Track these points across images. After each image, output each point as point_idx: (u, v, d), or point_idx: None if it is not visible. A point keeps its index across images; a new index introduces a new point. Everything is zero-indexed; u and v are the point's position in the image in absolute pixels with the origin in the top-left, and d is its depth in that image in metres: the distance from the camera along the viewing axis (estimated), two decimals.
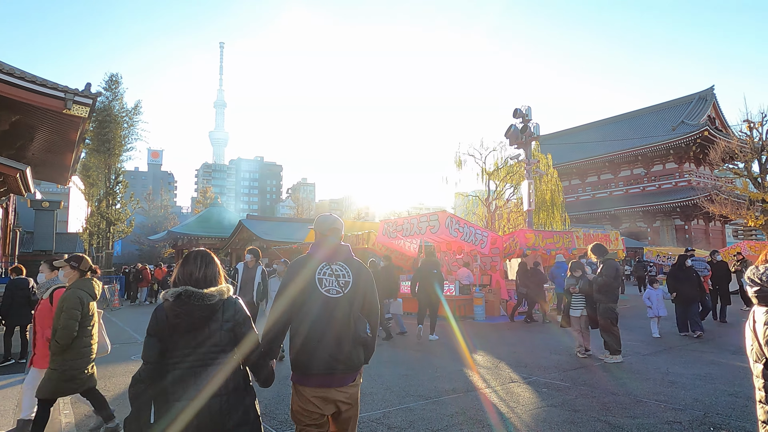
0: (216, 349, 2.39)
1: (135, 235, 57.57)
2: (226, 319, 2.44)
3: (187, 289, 2.40)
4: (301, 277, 2.82)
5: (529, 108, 18.36)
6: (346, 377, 2.77)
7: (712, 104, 50.36)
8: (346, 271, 2.90)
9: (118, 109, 25.90)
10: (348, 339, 2.75)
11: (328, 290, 2.80)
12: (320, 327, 2.72)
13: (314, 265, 2.86)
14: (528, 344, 9.41)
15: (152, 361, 2.36)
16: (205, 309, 2.39)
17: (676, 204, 44.28)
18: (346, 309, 2.80)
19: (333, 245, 2.95)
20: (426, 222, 13.97)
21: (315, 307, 2.75)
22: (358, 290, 2.88)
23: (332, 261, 2.90)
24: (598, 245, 7.97)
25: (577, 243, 16.16)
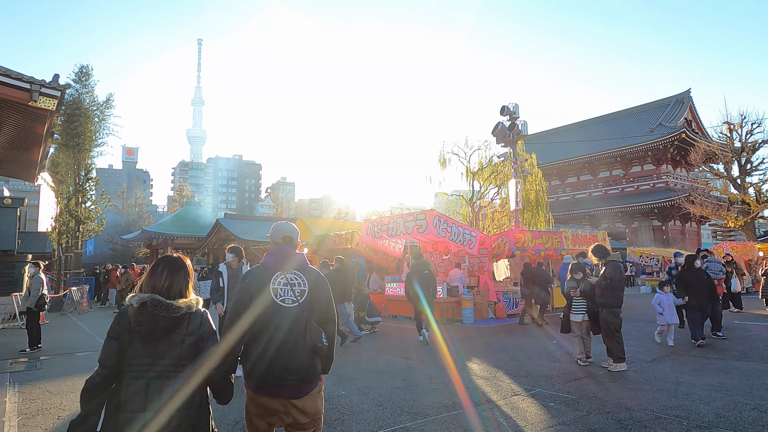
0: (176, 362, 2.32)
1: (108, 234, 55.83)
2: (189, 332, 2.37)
3: (155, 297, 2.33)
4: (256, 287, 2.77)
5: (516, 105, 17.98)
6: (302, 388, 2.71)
7: (688, 107, 51.18)
8: (302, 279, 2.86)
9: (88, 102, 24.67)
10: (303, 349, 2.71)
11: (284, 300, 2.76)
12: (275, 337, 2.67)
13: (269, 275, 2.81)
14: (525, 350, 8.92)
15: (109, 365, 2.27)
16: (170, 320, 2.32)
17: (654, 205, 44.79)
18: (301, 318, 2.75)
19: (287, 254, 2.90)
20: (413, 221, 13.43)
21: (270, 317, 2.70)
22: (314, 299, 2.84)
23: (287, 270, 2.85)
24: (600, 246, 7.53)
25: (566, 243, 15.83)
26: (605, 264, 7.31)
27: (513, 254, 14.48)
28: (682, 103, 52.37)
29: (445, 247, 15.78)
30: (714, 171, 29.81)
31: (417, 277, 11.60)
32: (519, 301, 14.95)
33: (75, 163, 24.67)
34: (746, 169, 28.40)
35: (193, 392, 2.34)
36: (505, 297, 14.53)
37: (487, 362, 7.88)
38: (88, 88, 24.81)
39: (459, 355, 8.47)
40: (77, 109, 24.22)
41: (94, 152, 25.31)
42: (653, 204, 44.35)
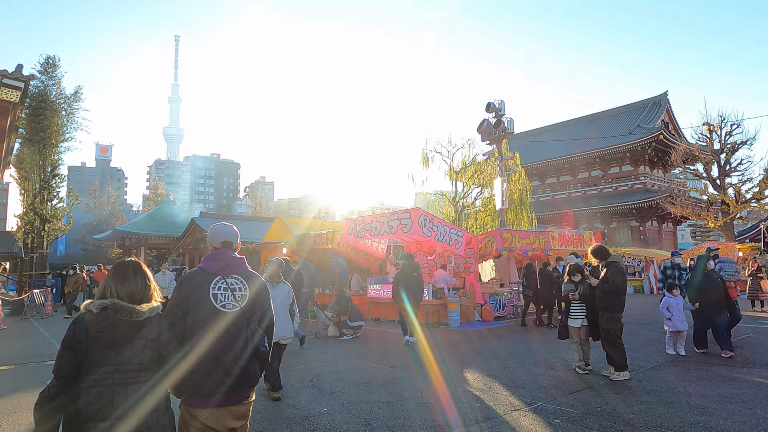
0: (138, 367, 2.29)
1: (79, 234, 54.05)
2: (151, 338, 2.34)
3: (116, 302, 2.28)
4: (195, 292, 2.68)
5: (502, 102, 17.58)
6: (242, 394, 2.68)
7: (665, 109, 51.82)
8: (243, 284, 2.81)
9: (55, 94, 23.40)
10: (245, 354, 2.67)
11: (224, 305, 2.69)
12: (216, 344, 2.60)
13: (208, 280, 2.74)
14: (517, 357, 8.41)
15: (65, 376, 2.19)
16: (132, 325, 2.28)
17: (633, 205, 45.19)
18: (242, 323, 2.71)
19: (228, 258, 2.85)
20: (397, 220, 12.85)
21: (209, 323, 2.62)
22: (255, 304, 2.80)
23: (227, 274, 2.79)
24: (601, 247, 7.06)
25: (553, 243, 15.45)
26: (606, 266, 6.83)
27: (500, 254, 14.03)
28: (659, 105, 53.01)
29: (429, 247, 15.24)
30: (695, 172, 29.99)
31: (406, 279, 11.08)
32: (506, 303, 14.52)
33: (40, 158, 23.40)
34: (725, 169, 28.62)
35: (160, 396, 2.32)
36: (491, 299, 14.06)
37: (480, 371, 7.33)
38: (55, 80, 23.57)
39: (448, 363, 7.92)
40: (43, 102, 22.95)
41: (61, 147, 24.07)
42: (633, 204, 44.71)
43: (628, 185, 49.05)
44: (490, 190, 25.57)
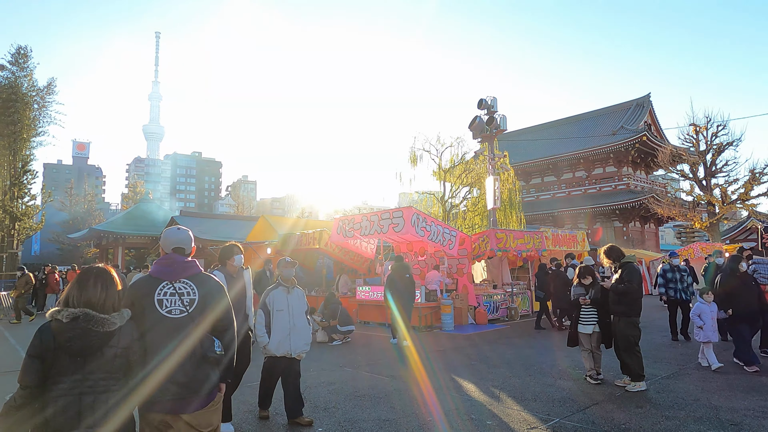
0: (107, 376, 2.28)
1: (54, 233, 52.35)
2: (121, 346, 2.34)
3: (87, 312, 2.25)
4: (140, 298, 2.64)
5: (494, 99, 17.14)
6: (194, 402, 2.60)
7: (648, 111, 52.30)
8: (192, 288, 2.75)
9: (27, 87, 22.28)
10: (194, 361, 2.61)
11: (170, 311, 2.65)
12: (162, 351, 2.55)
13: (154, 285, 2.70)
14: (521, 364, 7.90)
15: (31, 386, 2.16)
16: (103, 335, 2.26)
17: (617, 206, 45.43)
18: (190, 329, 2.65)
19: (177, 262, 2.79)
20: (389, 219, 12.29)
21: (155, 329, 2.58)
22: (206, 308, 2.74)
23: (176, 279, 2.74)
24: (614, 247, 6.59)
25: (547, 244, 15.06)
26: (620, 266, 6.36)
27: (495, 255, 13.56)
28: (642, 107, 53.48)
29: (420, 248, 14.71)
30: (681, 172, 30.01)
31: (397, 281, 10.58)
32: (500, 306, 14.06)
33: (10, 154, 22.26)
34: (712, 170, 28.67)
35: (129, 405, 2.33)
36: (485, 301, 13.58)
37: (484, 380, 6.80)
38: (27, 71, 22.45)
39: (448, 372, 7.38)
40: (13, 94, 21.81)
41: (33, 142, 22.96)
42: (619, 205, 44.91)
43: (611, 186, 49.36)
44: (478, 189, 25.19)
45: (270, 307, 4.95)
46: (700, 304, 7.37)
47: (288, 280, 5.16)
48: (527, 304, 14.90)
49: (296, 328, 4.99)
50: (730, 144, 27.91)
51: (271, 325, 4.91)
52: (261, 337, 4.90)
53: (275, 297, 5.02)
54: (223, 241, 23.78)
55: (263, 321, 4.93)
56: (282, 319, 4.91)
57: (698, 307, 7.36)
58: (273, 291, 5.08)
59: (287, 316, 4.94)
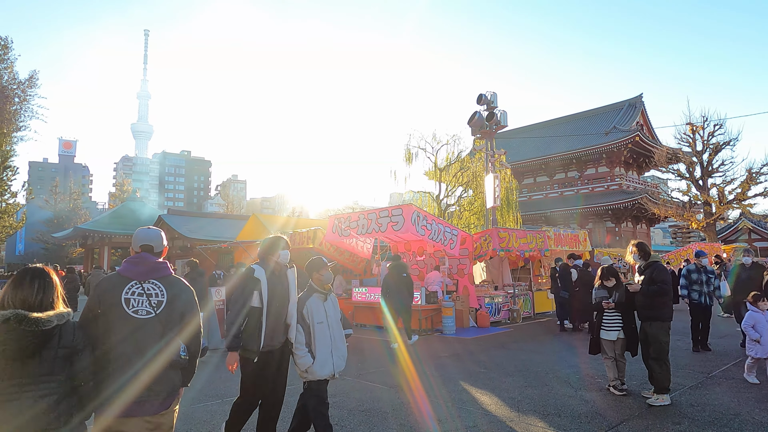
0: (47, 378, 2.20)
1: (39, 232, 51.16)
2: (62, 346, 2.28)
3: (18, 313, 2.16)
4: (107, 297, 2.60)
5: (494, 94, 16.63)
6: (156, 405, 2.55)
7: (640, 111, 52.30)
8: (160, 290, 2.69)
9: (7, 79, 21.36)
10: (158, 363, 2.57)
11: (137, 311, 2.60)
12: (126, 351, 2.52)
13: (122, 285, 2.64)
14: (535, 372, 7.34)
15: None
16: (39, 335, 2.17)
17: (610, 206, 45.30)
18: (157, 330, 2.61)
19: (146, 262, 2.74)
20: (387, 217, 11.69)
21: (120, 330, 2.55)
22: (174, 310, 2.69)
23: (144, 279, 2.69)
24: (644, 243, 6.06)
25: (549, 243, 14.57)
26: (648, 266, 5.83)
27: (498, 255, 13.03)
28: (634, 107, 53.53)
29: (419, 247, 14.16)
30: (678, 172, 29.79)
31: (394, 281, 10.05)
32: (502, 307, 13.53)
33: None
34: (708, 170, 28.47)
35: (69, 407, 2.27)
36: (486, 303, 13.04)
37: (499, 391, 6.24)
38: (6, 63, 21.54)
39: (460, 381, 6.80)
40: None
41: (14, 138, 22.05)
42: (612, 205, 44.79)
43: (604, 186, 49.29)
44: (474, 188, 24.69)
45: (309, 319, 4.07)
46: (753, 312, 6.48)
47: (325, 286, 4.28)
48: (529, 306, 14.39)
49: (336, 342, 4.19)
50: (727, 143, 27.73)
51: (313, 341, 4.05)
52: (302, 357, 4.01)
53: (313, 307, 4.11)
54: (212, 241, 23.04)
55: (303, 338, 4.06)
56: (323, 333, 4.09)
57: (752, 316, 6.45)
58: (308, 300, 4.16)
59: (327, 329, 4.13)
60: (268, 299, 3.92)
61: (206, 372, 7.68)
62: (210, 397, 6.21)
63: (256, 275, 3.93)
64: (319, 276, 4.26)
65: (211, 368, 8.06)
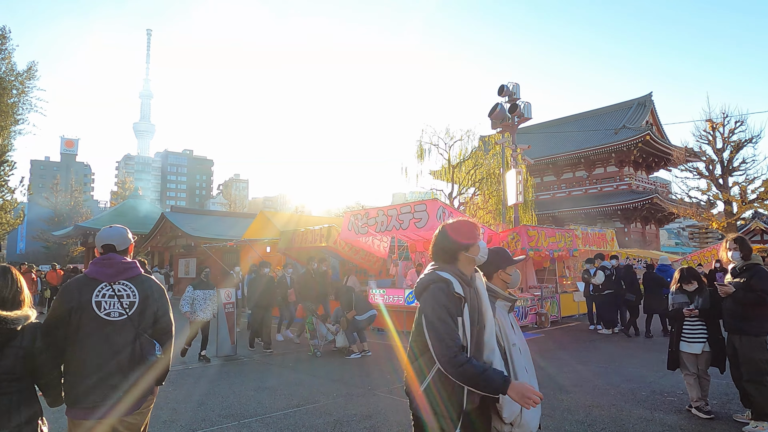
0: (8, 377, 2.22)
1: (39, 230, 50.44)
2: (24, 346, 2.28)
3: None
4: (77, 300, 2.55)
5: (517, 85, 15.75)
6: (130, 405, 2.55)
7: (650, 110, 51.49)
8: (131, 290, 2.67)
9: (5, 70, 20.53)
10: (132, 364, 2.56)
11: (108, 313, 2.57)
12: (99, 353, 2.50)
13: (92, 287, 2.60)
14: (593, 388, 6.44)
15: None
16: (4, 333, 2.23)
17: (620, 206, 44.46)
18: (130, 332, 2.59)
19: (115, 263, 2.68)
20: (409, 214, 10.82)
21: (92, 332, 2.52)
22: (146, 310, 2.67)
23: (114, 280, 2.64)
24: (744, 239, 5.18)
25: (577, 243, 13.69)
26: (747, 268, 4.93)
27: (527, 254, 12.14)
28: (644, 106, 52.77)
29: None
30: (697, 170, 28.84)
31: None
32: (529, 311, 12.65)
33: None
34: (729, 168, 27.53)
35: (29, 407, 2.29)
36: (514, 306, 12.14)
37: (561, 412, 5.33)
38: (4, 54, 20.70)
39: None
40: None
41: (12, 131, 21.21)
42: (622, 205, 43.96)
43: (613, 186, 48.51)
44: (488, 186, 23.82)
45: (503, 341, 2.63)
46: None
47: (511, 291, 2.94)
48: (556, 310, 13.51)
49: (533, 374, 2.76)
50: (749, 141, 26.78)
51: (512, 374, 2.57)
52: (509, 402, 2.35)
53: (503, 322, 2.70)
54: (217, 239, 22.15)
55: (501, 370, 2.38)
56: (520, 361, 2.67)
57: None
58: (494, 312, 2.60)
59: (521, 356, 2.70)
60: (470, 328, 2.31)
61: (219, 387, 6.81)
62: (225, 418, 5.34)
63: (457, 290, 2.28)
64: (505, 276, 2.79)
65: (224, 382, 7.19)
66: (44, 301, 17.83)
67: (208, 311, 8.74)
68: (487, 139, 23.74)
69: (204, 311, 8.67)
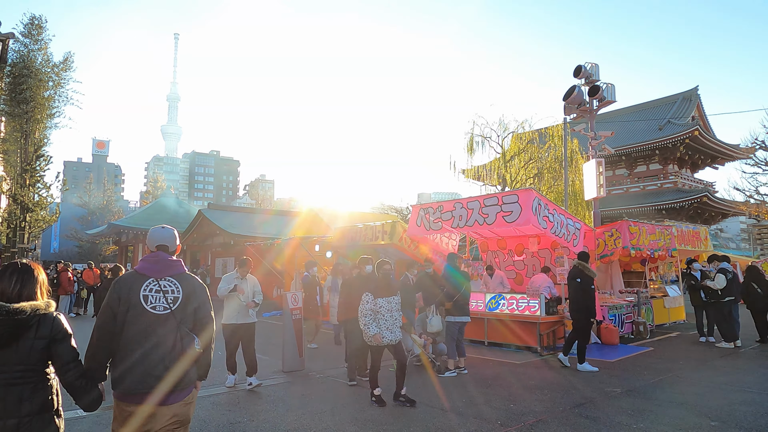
0: (22, 367, 2.25)
1: (72, 229, 50.57)
2: (39, 336, 2.31)
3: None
4: (126, 294, 2.70)
5: (596, 66, 14.11)
6: (173, 395, 2.66)
7: (696, 104, 48.94)
8: (176, 286, 2.81)
9: (41, 61, 19.83)
10: (174, 356, 2.66)
11: (154, 307, 2.72)
12: (144, 345, 2.63)
13: (140, 282, 2.76)
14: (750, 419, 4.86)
15: None
16: (13, 324, 2.23)
17: (667, 205, 42.15)
18: (173, 326, 2.71)
19: (162, 261, 2.85)
20: (496, 206, 9.30)
21: (139, 324, 2.66)
22: (188, 306, 2.80)
23: (161, 276, 2.81)
24: None
25: (674, 241, 12.02)
26: None
27: (630, 254, 10.54)
28: (689, 100, 50.31)
29: (518, 245, 11.79)
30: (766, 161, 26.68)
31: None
32: (624, 319, 11.02)
33: (22, 136, 19.75)
34: None
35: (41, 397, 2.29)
36: (610, 314, 10.54)
37: None
38: (41, 44, 19.95)
39: None
40: (26, 69, 19.33)
41: (48, 124, 20.47)
42: (669, 204, 41.59)
43: (656, 185, 46.20)
44: (543, 181, 22.15)
45: None
46: None
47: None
48: (651, 318, 11.84)
49: None
50: None
51: None
52: None
53: None
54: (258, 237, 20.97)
55: None
56: None
57: None
58: None
59: None
60: None
61: (296, 413, 5.43)
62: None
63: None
64: None
65: (306, 408, 5.81)
66: (80, 301, 16.91)
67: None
68: (543, 131, 22.14)
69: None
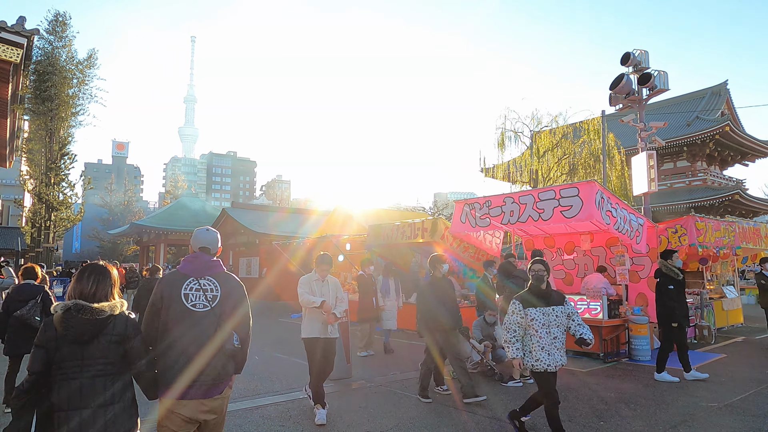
0: (103, 361, 2.43)
1: (94, 229, 50.87)
2: (116, 333, 2.48)
3: (77, 302, 2.43)
4: (168, 292, 2.84)
5: (645, 53, 13.26)
6: (212, 389, 2.78)
7: (725, 99, 47.28)
8: (215, 285, 2.93)
9: (65, 58, 19.58)
10: (213, 352, 2.77)
11: (195, 305, 2.83)
12: (185, 341, 2.75)
13: (181, 281, 2.89)
14: None
15: (37, 372, 2.36)
16: (94, 323, 2.41)
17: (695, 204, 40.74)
18: (212, 323, 2.83)
19: (202, 260, 2.99)
20: (553, 200, 8.56)
21: (180, 321, 2.78)
22: (227, 304, 2.92)
23: (201, 276, 2.94)
24: None
25: (738, 239, 11.17)
26: None
27: (698, 252, 9.73)
28: (718, 95, 48.52)
29: (569, 243, 11.04)
30: None
31: None
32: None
33: (46, 134, 19.51)
34: None
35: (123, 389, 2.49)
36: None
37: None
38: (65, 41, 19.68)
39: None
40: (50, 66, 19.08)
41: (72, 122, 20.21)
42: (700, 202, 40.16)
43: (685, 182, 44.65)
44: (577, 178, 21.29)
45: None
46: None
47: None
48: (712, 321, 11.00)
49: None
50: None
51: None
52: None
53: None
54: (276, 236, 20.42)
55: None
56: None
57: None
58: None
59: None
60: None
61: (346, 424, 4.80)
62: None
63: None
64: None
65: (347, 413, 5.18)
66: None
67: None
68: (578, 125, 21.28)
69: None
